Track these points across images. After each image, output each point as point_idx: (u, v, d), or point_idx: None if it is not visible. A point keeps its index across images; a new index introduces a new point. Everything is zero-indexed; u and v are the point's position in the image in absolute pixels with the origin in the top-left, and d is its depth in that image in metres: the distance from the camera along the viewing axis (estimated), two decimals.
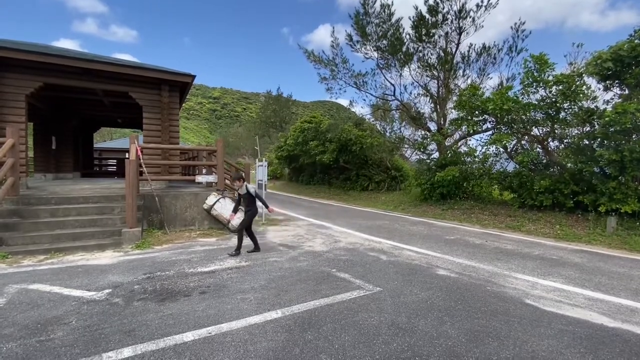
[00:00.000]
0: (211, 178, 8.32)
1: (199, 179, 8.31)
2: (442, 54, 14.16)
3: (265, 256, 5.61)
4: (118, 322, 3.05)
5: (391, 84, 15.82)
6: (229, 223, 7.43)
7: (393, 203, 14.44)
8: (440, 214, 11.37)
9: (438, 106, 14.95)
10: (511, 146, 11.57)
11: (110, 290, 3.88)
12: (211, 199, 7.58)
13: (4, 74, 7.41)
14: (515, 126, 10.69)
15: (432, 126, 15.78)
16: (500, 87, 13.43)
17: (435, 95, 15.03)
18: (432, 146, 14.60)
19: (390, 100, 17.09)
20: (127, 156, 7.48)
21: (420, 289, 4.10)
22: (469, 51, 14.28)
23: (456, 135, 14.97)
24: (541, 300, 3.86)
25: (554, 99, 9.55)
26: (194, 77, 9.10)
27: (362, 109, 52.22)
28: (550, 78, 9.57)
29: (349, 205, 14.94)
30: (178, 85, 9.29)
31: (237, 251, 5.62)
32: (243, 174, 6.40)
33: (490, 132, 11.95)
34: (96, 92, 9.91)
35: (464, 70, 14.73)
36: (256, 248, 5.92)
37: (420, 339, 2.85)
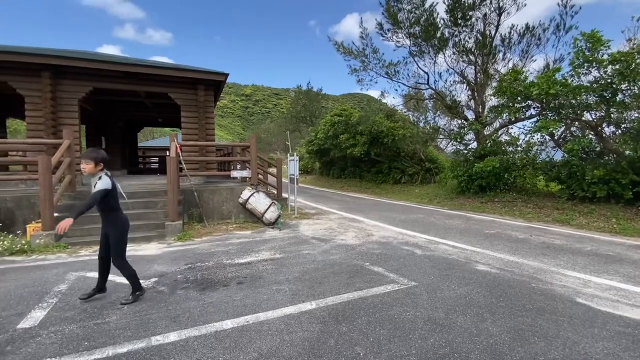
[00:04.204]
0: (245, 173, 8.57)
1: (234, 174, 8.60)
2: (480, 38, 13.34)
3: (298, 249, 5.69)
4: (164, 309, 3.26)
5: (424, 72, 15.26)
6: (262, 216, 7.63)
7: (427, 196, 14.00)
8: (479, 206, 10.85)
9: (476, 93, 14.17)
10: (559, 133, 10.72)
11: (156, 279, 4.15)
12: (246, 193, 7.81)
13: (60, 81, 8.11)
14: (563, 111, 9.86)
15: (470, 115, 15.02)
16: (546, 69, 12.43)
17: (473, 81, 14.24)
18: (470, 136, 13.89)
19: (423, 90, 16.52)
20: (167, 154, 7.93)
21: (458, 285, 3.95)
22: (510, 33, 13.33)
23: (496, 124, 14.12)
24: (595, 299, 3.56)
25: (609, 80, 8.67)
26: (227, 75, 9.37)
27: (393, 100, 50.88)
28: (605, 57, 8.69)
29: (381, 198, 14.72)
30: (213, 84, 9.63)
31: (135, 293, 3.43)
32: (100, 155, 3.23)
33: (534, 119, 11.15)
34: (139, 94, 10.55)
35: (505, 54, 13.80)
36: (100, 290, 3.52)
37: (459, 336, 2.75)
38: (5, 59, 7.48)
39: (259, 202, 7.70)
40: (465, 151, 13.38)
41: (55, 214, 5.99)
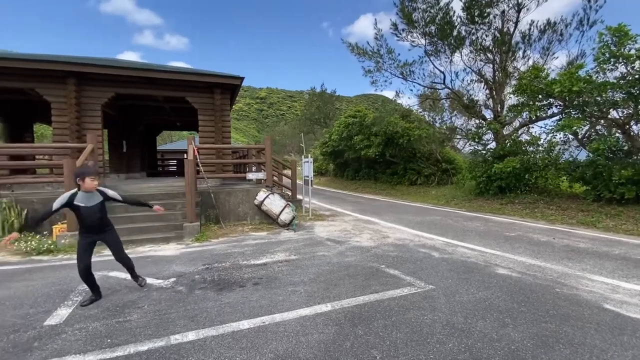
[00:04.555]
0: (260, 175, 8.65)
1: (250, 176, 8.70)
2: (498, 35, 13.03)
3: (313, 250, 5.69)
4: (182, 308, 3.33)
5: (440, 71, 15.01)
6: (277, 218, 7.68)
7: (445, 197, 13.75)
8: (499, 208, 10.56)
9: (494, 92, 13.84)
10: (583, 132, 10.32)
11: (175, 279, 4.24)
12: (261, 195, 7.89)
13: (84, 87, 8.43)
14: (588, 109, 9.49)
15: (488, 114, 14.69)
16: (569, 66, 12.01)
17: (491, 80, 13.91)
18: (488, 136, 13.56)
19: (439, 89, 16.26)
20: (185, 156, 8.12)
21: (477, 289, 3.85)
22: (530, 29, 12.96)
23: (516, 123, 13.73)
24: (624, 305, 3.40)
25: (637, 76, 8.28)
26: (242, 79, 9.50)
27: (409, 100, 50.32)
28: (633, 52, 8.31)
29: (396, 200, 14.56)
30: (229, 88, 9.78)
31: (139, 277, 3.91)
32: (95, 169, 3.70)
33: (556, 118, 10.78)
34: (158, 99, 10.84)
35: (525, 51, 13.42)
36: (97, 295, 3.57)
37: (478, 341, 2.68)
38: (33, 67, 7.85)
39: (274, 203, 7.76)
40: (484, 151, 13.07)
41: None
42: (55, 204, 3.30)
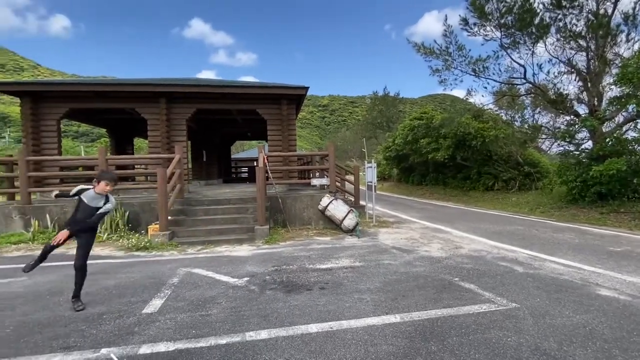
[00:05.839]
0: (324, 181, 8.81)
1: (314, 182, 8.92)
2: (593, 18, 11.28)
3: (378, 258, 5.56)
4: (255, 307, 3.52)
5: (520, 64, 13.52)
6: (341, 223, 7.70)
7: (528, 205, 12.28)
8: (599, 218, 9.05)
9: (589, 84, 11.96)
10: None
11: (248, 278, 4.52)
12: (325, 200, 8.01)
13: (172, 105, 9.63)
14: None
15: (581, 109, 12.76)
16: None
17: (585, 70, 12.07)
18: (582, 134, 11.76)
19: (518, 85, 14.64)
20: (255, 164, 8.67)
21: (573, 311, 3.32)
22: (634, 8, 10.95)
23: (619, 118, 11.66)
24: None
25: None
26: (307, 88, 9.86)
27: (482, 98, 46.41)
28: None
29: (469, 207, 13.47)
30: (294, 98, 10.23)
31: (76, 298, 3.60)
32: (110, 177, 3.66)
33: None
34: (232, 112, 11.82)
35: (628, 34, 11.36)
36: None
37: None
38: (136, 90, 9.25)
39: (337, 209, 7.81)
40: (577, 152, 11.36)
41: (169, 217, 7.06)
42: (73, 190, 3.67)
